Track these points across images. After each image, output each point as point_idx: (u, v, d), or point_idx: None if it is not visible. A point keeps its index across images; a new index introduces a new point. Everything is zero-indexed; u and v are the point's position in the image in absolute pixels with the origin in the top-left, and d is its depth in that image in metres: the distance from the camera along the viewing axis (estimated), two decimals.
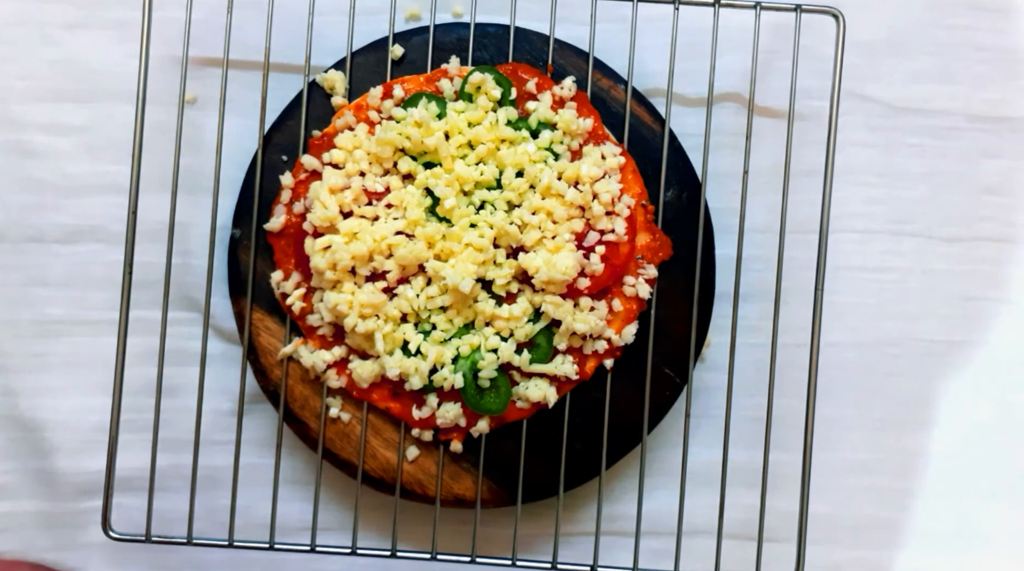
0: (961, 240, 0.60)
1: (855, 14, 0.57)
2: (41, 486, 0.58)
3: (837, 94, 0.55)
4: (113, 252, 0.57)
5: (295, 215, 0.55)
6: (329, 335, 0.55)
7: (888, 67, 0.60)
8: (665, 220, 0.56)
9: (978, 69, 0.60)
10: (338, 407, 0.56)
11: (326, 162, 0.55)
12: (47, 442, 0.58)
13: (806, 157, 0.57)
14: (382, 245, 0.53)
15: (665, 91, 0.56)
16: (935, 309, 0.60)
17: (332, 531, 0.58)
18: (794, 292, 0.57)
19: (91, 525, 0.58)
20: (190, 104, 0.58)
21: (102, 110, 0.58)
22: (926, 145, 0.60)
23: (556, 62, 0.57)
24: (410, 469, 0.56)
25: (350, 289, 0.53)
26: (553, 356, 0.54)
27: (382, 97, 0.55)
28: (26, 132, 0.58)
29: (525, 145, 0.54)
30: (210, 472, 0.57)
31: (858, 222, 0.60)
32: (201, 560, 0.58)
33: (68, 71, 0.58)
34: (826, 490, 0.59)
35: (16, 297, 0.58)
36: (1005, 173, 0.60)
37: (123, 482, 0.57)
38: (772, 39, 0.57)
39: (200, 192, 0.57)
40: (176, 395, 0.57)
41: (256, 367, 0.56)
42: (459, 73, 0.55)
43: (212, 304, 0.56)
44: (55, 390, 0.58)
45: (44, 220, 0.58)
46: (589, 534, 0.58)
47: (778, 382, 0.55)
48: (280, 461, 0.55)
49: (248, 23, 0.56)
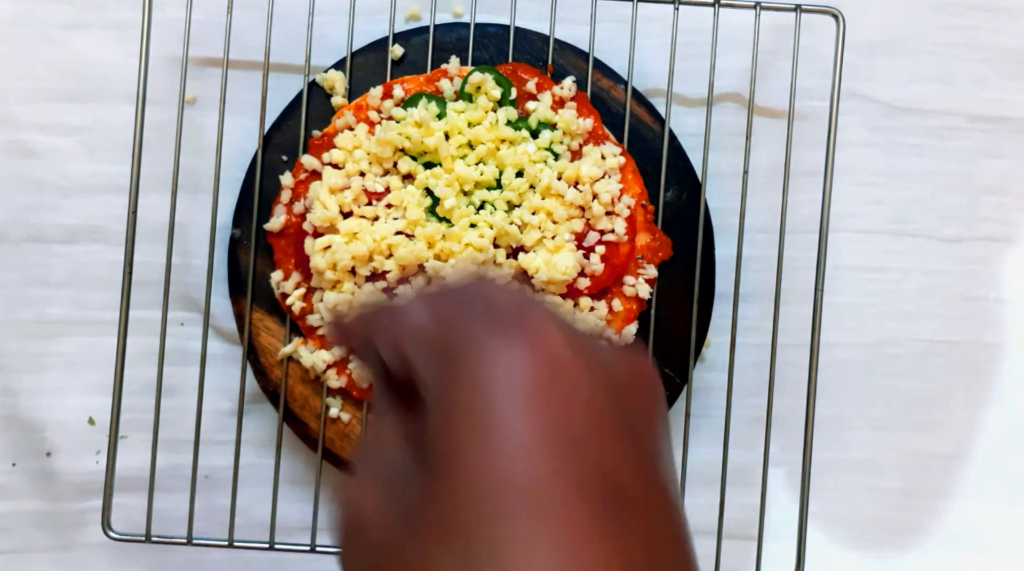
0: (961, 240, 0.60)
1: (855, 14, 0.57)
2: (41, 486, 0.58)
3: (837, 94, 0.55)
4: (113, 252, 0.57)
5: (295, 215, 0.55)
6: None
7: (888, 67, 0.60)
8: (665, 220, 0.56)
9: (978, 69, 0.60)
10: (338, 407, 0.56)
11: (326, 162, 0.55)
12: (47, 442, 0.58)
13: (806, 157, 0.57)
14: (382, 245, 0.53)
15: (665, 91, 0.56)
16: (935, 309, 0.60)
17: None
18: (794, 292, 0.57)
19: (91, 525, 0.57)
20: (190, 104, 0.58)
21: (102, 110, 0.58)
22: (926, 145, 0.60)
23: (556, 62, 0.57)
24: None
25: (350, 289, 0.53)
26: None
27: (382, 97, 0.55)
28: (26, 132, 0.58)
29: (525, 145, 0.54)
30: (210, 472, 0.57)
31: (858, 222, 0.60)
32: (201, 560, 0.58)
33: (68, 71, 0.58)
34: (826, 490, 0.59)
35: (16, 297, 0.58)
36: (1005, 173, 0.60)
37: (123, 482, 0.57)
38: (772, 39, 0.57)
39: (200, 192, 0.57)
40: (176, 395, 0.57)
41: (256, 367, 0.56)
42: (459, 73, 0.55)
43: (212, 304, 0.56)
44: (55, 390, 0.58)
45: (44, 220, 0.58)
46: None
47: (778, 382, 0.55)
48: (280, 461, 0.55)
49: (248, 23, 0.56)
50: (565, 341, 0.25)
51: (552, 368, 0.24)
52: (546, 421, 0.23)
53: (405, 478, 0.25)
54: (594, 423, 0.24)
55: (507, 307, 0.26)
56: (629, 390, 0.26)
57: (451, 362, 0.25)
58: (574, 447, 0.23)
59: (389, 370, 0.27)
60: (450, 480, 0.23)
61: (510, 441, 0.23)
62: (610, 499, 0.23)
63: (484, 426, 0.23)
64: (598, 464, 0.23)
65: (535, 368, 0.24)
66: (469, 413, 0.23)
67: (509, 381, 0.24)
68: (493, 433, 0.23)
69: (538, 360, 0.24)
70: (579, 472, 0.23)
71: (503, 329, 0.25)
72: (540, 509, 0.22)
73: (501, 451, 0.23)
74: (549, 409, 0.24)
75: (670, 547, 0.24)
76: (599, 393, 0.24)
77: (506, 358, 0.24)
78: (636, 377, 0.26)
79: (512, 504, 0.22)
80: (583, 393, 0.24)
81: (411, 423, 0.26)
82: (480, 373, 0.24)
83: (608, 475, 0.23)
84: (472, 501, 0.23)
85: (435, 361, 0.25)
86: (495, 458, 0.23)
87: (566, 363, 0.24)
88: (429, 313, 0.27)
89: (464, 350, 0.25)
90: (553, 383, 0.24)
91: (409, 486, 0.25)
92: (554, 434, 0.23)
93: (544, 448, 0.23)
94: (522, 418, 0.23)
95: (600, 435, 0.24)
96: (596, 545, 0.22)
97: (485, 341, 0.24)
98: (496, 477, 0.23)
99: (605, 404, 0.24)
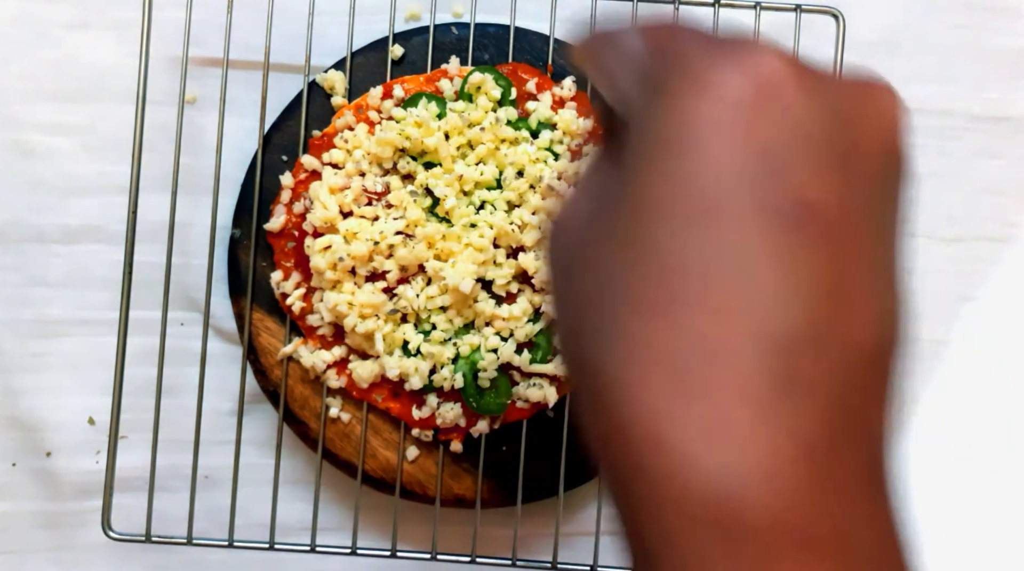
0: (961, 240, 0.60)
1: (855, 14, 0.57)
2: (41, 486, 0.58)
3: None
4: (113, 252, 0.57)
5: (295, 215, 0.55)
6: (329, 335, 0.55)
7: (888, 67, 0.59)
8: None
9: (978, 69, 0.60)
10: (338, 407, 0.56)
11: (326, 162, 0.55)
12: (47, 442, 0.58)
13: None
14: (382, 245, 0.53)
15: None
16: (935, 309, 0.60)
17: (332, 531, 0.58)
18: None
19: (91, 525, 0.57)
20: (190, 104, 0.58)
21: (102, 110, 0.58)
22: (926, 145, 0.60)
23: (556, 62, 0.57)
24: (410, 469, 0.56)
25: (350, 289, 0.53)
26: (553, 356, 0.54)
27: (382, 97, 0.55)
28: (26, 132, 0.58)
29: (525, 145, 0.54)
30: (210, 472, 0.57)
31: None
32: (201, 560, 0.58)
33: (68, 71, 0.58)
34: None
35: (16, 297, 0.58)
36: (1005, 173, 0.60)
37: (123, 482, 0.57)
38: (772, 39, 0.57)
39: (200, 192, 0.57)
40: (176, 395, 0.57)
41: (256, 367, 0.56)
42: (459, 73, 0.55)
43: (212, 304, 0.56)
44: (55, 390, 0.58)
45: (44, 220, 0.58)
46: (589, 534, 0.58)
47: None
48: (280, 461, 0.55)
49: (248, 23, 0.56)
50: (787, 65, 0.23)
51: (767, 91, 0.22)
52: (747, 142, 0.22)
53: (606, 195, 0.25)
54: (804, 147, 0.22)
55: (726, 36, 0.24)
56: (858, 124, 0.23)
57: (660, 92, 0.23)
58: (774, 169, 0.22)
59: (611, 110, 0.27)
60: (635, 191, 0.23)
61: (702, 160, 0.22)
62: (802, 222, 0.22)
63: (681, 146, 0.22)
64: (796, 188, 0.22)
65: (746, 91, 0.22)
66: (667, 135, 0.22)
67: (716, 103, 0.22)
68: (688, 154, 0.22)
69: (752, 82, 0.22)
70: (773, 193, 0.22)
71: (719, 53, 0.23)
72: (715, 222, 0.22)
73: (690, 169, 0.22)
74: (753, 130, 0.22)
75: (867, 270, 0.23)
76: (816, 121, 0.22)
77: (717, 81, 0.22)
78: (869, 112, 0.24)
79: (689, 215, 0.22)
80: (797, 116, 0.22)
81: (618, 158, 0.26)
82: (687, 98, 0.23)
83: (805, 199, 0.22)
84: (652, 211, 0.22)
85: (647, 92, 0.24)
86: (683, 174, 0.22)
87: (783, 86, 0.22)
88: (643, 41, 0.26)
89: (675, 77, 0.23)
90: (765, 105, 0.22)
91: (608, 200, 0.24)
92: (753, 154, 0.22)
93: (737, 166, 0.22)
94: (720, 136, 0.22)
95: (806, 161, 0.22)
96: (771, 259, 0.21)
97: (698, 65, 0.23)
98: (679, 190, 0.22)
99: (822, 130, 0.22)
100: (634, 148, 0.24)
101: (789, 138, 0.22)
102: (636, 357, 0.22)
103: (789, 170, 0.22)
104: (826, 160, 0.22)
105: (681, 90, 0.23)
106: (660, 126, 0.23)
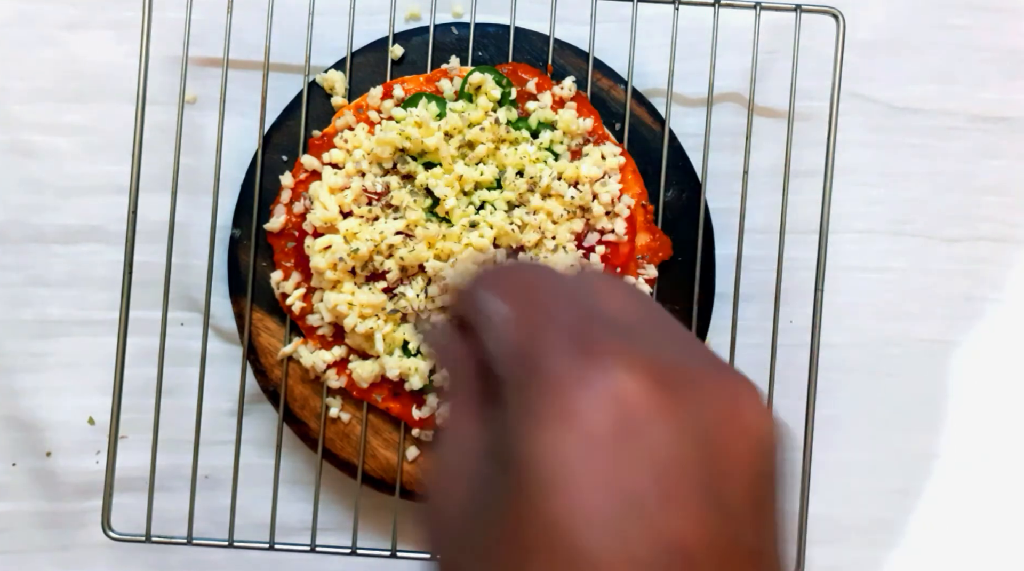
0: (961, 240, 0.60)
1: (855, 14, 0.57)
2: (41, 486, 0.58)
3: (837, 94, 0.55)
4: (113, 252, 0.57)
5: (295, 215, 0.55)
6: (329, 335, 0.55)
7: (888, 67, 0.60)
8: (665, 220, 0.56)
9: (978, 69, 0.60)
10: (338, 407, 0.56)
11: (326, 162, 0.55)
12: (47, 442, 0.58)
13: (806, 157, 0.57)
14: (382, 245, 0.53)
15: (665, 91, 0.56)
16: (935, 309, 0.60)
17: (332, 531, 0.58)
18: (794, 292, 0.57)
19: (91, 525, 0.57)
20: (190, 104, 0.58)
21: (102, 110, 0.58)
22: (926, 145, 0.60)
23: (556, 62, 0.57)
24: (410, 469, 0.56)
25: (350, 289, 0.53)
26: None
27: (382, 97, 0.55)
28: (26, 132, 0.58)
29: (525, 145, 0.54)
30: (210, 472, 0.57)
31: (858, 222, 0.60)
32: (201, 560, 0.58)
33: (68, 71, 0.58)
34: (826, 490, 0.59)
35: (16, 297, 0.58)
36: (1005, 173, 0.60)
37: (123, 482, 0.57)
38: (772, 39, 0.57)
39: (200, 192, 0.57)
40: (176, 395, 0.57)
41: (256, 367, 0.56)
42: (459, 73, 0.55)
43: (212, 304, 0.56)
44: (55, 390, 0.58)
45: (44, 220, 0.58)
46: None
47: (778, 382, 0.55)
48: (280, 461, 0.55)
49: (248, 23, 0.56)
50: (645, 386, 0.23)
51: (627, 422, 0.23)
52: (612, 485, 0.22)
53: (484, 477, 0.25)
54: (667, 486, 0.22)
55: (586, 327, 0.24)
56: (723, 444, 0.23)
57: (529, 376, 0.24)
58: (640, 515, 0.22)
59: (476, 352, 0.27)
60: (517, 508, 0.23)
61: (572, 504, 0.22)
62: (671, 569, 0.22)
63: (553, 486, 0.22)
64: (661, 533, 0.22)
65: (607, 424, 0.23)
66: (539, 473, 0.23)
67: (580, 439, 0.23)
68: (560, 496, 0.22)
69: (612, 413, 0.23)
70: (641, 541, 0.22)
71: (578, 371, 0.23)
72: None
73: (561, 513, 0.22)
74: (617, 471, 0.22)
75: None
76: (679, 451, 0.23)
77: (578, 410, 0.23)
78: (734, 427, 0.24)
79: (561, 564, 0.22)
80: (659, 452, 0.23)
81: (491, 415, 0.26)
82: (553, 429, 0.23)
83: (672, 545, 0.22)
84: (526, 553, 0.22)
85: (514, 365, 0.25)
86: (554, 519, 0.22)
87: (642, 415, 0.23)
88: (511, 313, 0.26)
89: (539, 397, 0.23)
90: (626, 440, 0.22)
91: (488, 484, 0.24)
92: (619, 499, 0.22)
93: (605, 513, 0.22)
94: (587, 477, 0.22)
95: (671, 500, 0.22)
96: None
97: (560, 385, 0.23)
98: (552, 536, 0.22)
99: (684, 462, 0.23)
100: (511, 438, 0.24)
101: (653, 477, 0.22)
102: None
103: (655, 514, 0.22)
104: (692, 496, 0.23)
105: (547, 416, 0.23)
106: (527, 456, 0.23)
